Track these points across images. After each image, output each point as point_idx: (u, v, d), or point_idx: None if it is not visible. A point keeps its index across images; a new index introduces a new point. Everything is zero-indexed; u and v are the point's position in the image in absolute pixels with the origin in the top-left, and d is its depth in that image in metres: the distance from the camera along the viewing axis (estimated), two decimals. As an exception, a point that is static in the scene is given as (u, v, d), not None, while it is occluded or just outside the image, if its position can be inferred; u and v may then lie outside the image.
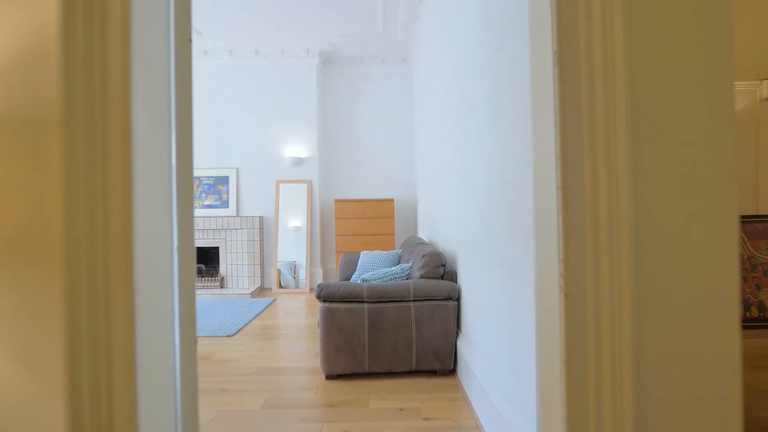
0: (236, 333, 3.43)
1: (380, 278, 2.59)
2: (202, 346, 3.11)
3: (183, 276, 0.85)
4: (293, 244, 5.12)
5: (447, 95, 2.85)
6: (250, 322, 3.78)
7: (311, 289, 5.13)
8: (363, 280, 2.55)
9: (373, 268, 3.48)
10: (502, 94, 1.62)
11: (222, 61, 5.15)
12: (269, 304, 4.42)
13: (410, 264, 2.73)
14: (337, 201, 4.97)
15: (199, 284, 5.09)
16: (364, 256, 3.65)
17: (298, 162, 5.16)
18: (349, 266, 3.82)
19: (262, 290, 5.10)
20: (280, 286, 5.06)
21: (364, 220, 4.93)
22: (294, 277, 5.10)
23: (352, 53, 5.26)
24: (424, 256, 2.52)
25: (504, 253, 1.63)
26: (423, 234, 4.41)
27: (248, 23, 4.48)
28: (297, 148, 5.19)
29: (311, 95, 5.15)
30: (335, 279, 5.38)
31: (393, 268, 2.70)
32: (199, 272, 5.28)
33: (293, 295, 4.87)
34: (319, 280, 5.21)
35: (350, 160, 5.50)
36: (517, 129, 1.44)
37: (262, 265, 5.17)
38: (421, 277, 2.47)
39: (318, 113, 5.23)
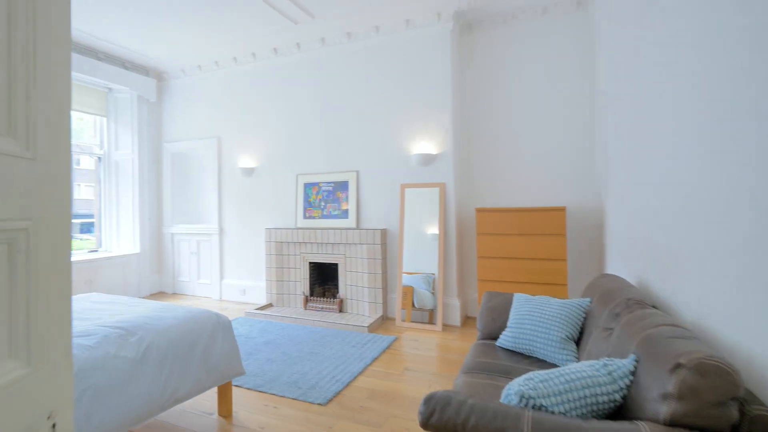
0: (331, 399, 2.48)
1: (560, 393, 1.22)
2: (281, 420, 2.23)
3: None
4: (429, 255, 4.01)
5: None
6: (356, 377, 2.80)
7: (444, 327, 3.92)
8: (522, 398, 1.21)
9: (538, 329, 2.06)
10: None
11: (340, 47, 4.39)
12: (389, 346, 3.39)
13: (630, 362, 1.26)
14: (478, 210, 3.65)
15: (317, 305, 4.44)
16: (521, 304, 2.26)
17: (428, 160, 4.02)
18: (496, 316, 2.47)
19: (383, 321, 4.13)
20: (413, 306, 4.00)
21: (518, 237, 3.47)
22: (433, 293, 3.98)
23: (498, 8, 3.86)
24: (679, 366, 1.04)
25: None
26: (619, 268, 2.71)
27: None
28: (426, 143, 4.05)
29: (444, 74, 3.94)
30: (476, 314, 4.05)
31: (587, 368, 1.28)
32: (322, 293, 4.65)
33: (421, 333, 3.75)
34: (455, 314, 3.96)
35: (497, 155, 4.09)
36: None
37: (384, 289, 4.21)
38: (674, 420, 1.00)
39: (453, 96, 3.99)
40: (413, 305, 4.05)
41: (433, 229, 4.01)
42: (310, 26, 4.12)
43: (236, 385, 2.65)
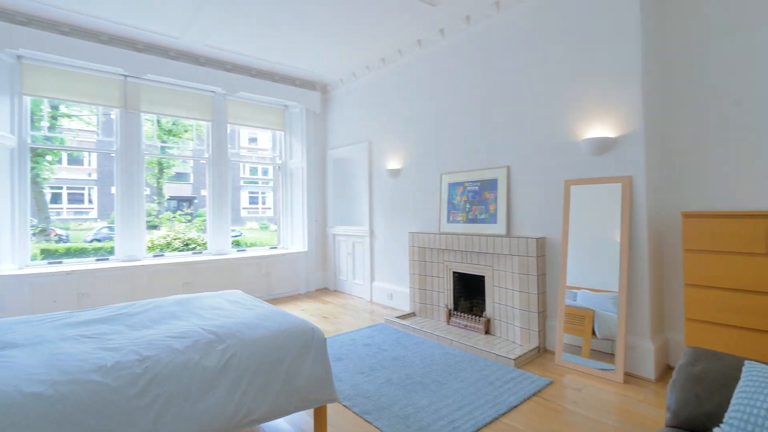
0: (440, 455, 1.95)
1: None
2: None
3: None
4: (609, 270, 2.96)
5: None
6: (481, 429, 2.17)
7: (626, 377, 2.81)
8: None
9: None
10: None
11: (487, 22, 3.74)
12: (537, 392, 2.60)
13: None
14: (687, 215, 2.45)
15: (460, 322, 3.90)
16: (758, 383, 1.25)
17: (604, 146, 2.97)
18: (704, 393, 1.46)
19: (538, 355, 3.28)
20: (594, 335, 3.01)
21: (762, 259, 2.15)
22: (625, 319, 2.94)
23: None
24: None
25: None
26: None
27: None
28: (601, 124, 3.01)
29: (629, 23, 2.84)
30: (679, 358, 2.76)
31: None
32: (469, 308, 4.09)
33: (590, 380, 2.78)
34: (647, 362, 2.79)
35: (717, 132, 2.70)
36: None
37: (542, 313, 3.35)
38: None
39: (644, 54, 2.84)
40: (593, 333, 3.03)
41: (615, 238, 2.93)
42: (450, 6, 3.64)
43: (345, 405, 2.42)
